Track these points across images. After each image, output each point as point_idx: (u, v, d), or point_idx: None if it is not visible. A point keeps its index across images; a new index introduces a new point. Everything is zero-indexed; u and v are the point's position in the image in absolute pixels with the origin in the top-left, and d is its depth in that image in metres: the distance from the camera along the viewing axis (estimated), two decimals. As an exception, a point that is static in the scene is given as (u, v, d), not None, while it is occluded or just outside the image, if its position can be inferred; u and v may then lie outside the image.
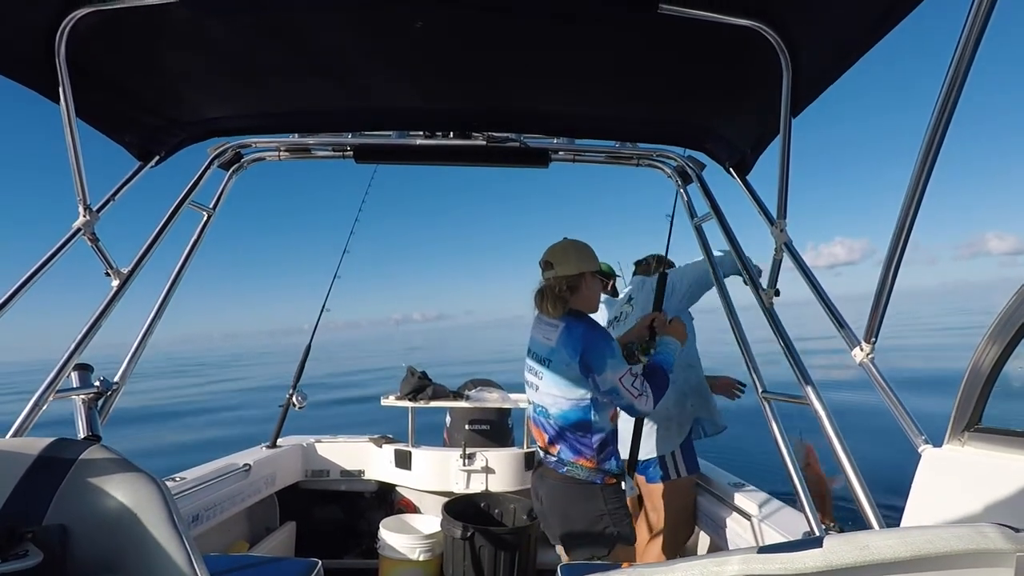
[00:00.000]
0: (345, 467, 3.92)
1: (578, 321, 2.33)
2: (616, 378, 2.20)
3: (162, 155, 2.29)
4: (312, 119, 2.40)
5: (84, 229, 1.98)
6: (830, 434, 1.83)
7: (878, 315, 1.67)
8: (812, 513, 1.97)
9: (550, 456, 2.38)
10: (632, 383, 2.22)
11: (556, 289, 2.35)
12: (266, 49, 1.83)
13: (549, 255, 2.41)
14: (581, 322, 2.33)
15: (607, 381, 2.21)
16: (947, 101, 1.28)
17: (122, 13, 1.56)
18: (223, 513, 3.13)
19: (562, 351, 2.26)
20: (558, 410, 2.31)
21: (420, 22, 1.66)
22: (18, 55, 1.69)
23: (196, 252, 2.57)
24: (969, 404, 1.39)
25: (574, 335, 2.26)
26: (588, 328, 2.30)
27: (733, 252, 2.48)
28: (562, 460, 2.33)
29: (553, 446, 2.35)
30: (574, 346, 2.23)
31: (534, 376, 2.41)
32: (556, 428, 2.33)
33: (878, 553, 0.68)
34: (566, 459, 2.32)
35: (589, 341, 2.24)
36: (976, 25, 1.18)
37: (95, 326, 2.02)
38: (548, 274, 2.38)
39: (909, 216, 1.47)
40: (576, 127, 2.51)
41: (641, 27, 1.68)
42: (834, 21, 1.60)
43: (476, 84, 2.11)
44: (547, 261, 2.39)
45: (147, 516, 1.05)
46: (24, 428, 1.73)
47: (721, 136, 2.38)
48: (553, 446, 2.35)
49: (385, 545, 3.28)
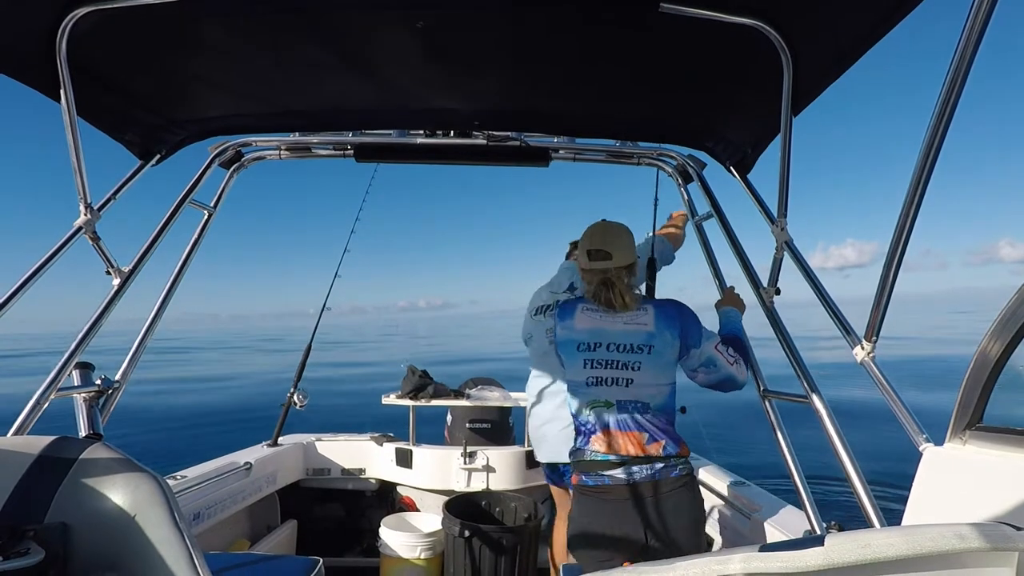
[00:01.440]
0: (346, 465, 3.92)
1: (657, 300, 2.24)
2: (712, 347, 2.09)
3: (163, 154, 2.30)
4: (313, 118, 2.40)
5: (85, 228, 1.99)
6: (831, 433, 1.84)
7: (879, 314, 1.67)
8: (813, 512, 1.97)
9: (654, 462, 1.99)
10: (727, 351, 2.11)
11: (624, 280, 2.16)
12: (266, 48, 1.83)
13: (602, 242, 2.17)
14: (661, 300, 2.22)
15: (705, 352, 2.08)
16: (947, 102, 1.28)
17: (123, 12, 1.56)
18: (224, 511, 3.13)
19: (664, 333, 2.07)
20: (661, 399, 2.07)
21: (421, 22, 1.66)
22: (19, 54, 1.69)
23: (197, 250, 2.57)
24: (970, 403, 1.39)
25: (669, 313, 2.11)
26: (673, 303, 2.17)
27: (734, 251, 2.48)
28: (669, 457, 2.01)
29: (656, 443, 2.01)
30: (673, 324, 2.09)
31: (624, 370, 2.06)
32: (659, 421, 2.05)
33: (880, 551, 0.68)
34: (672, 453, 2.02)
35: (684, 316, 2.11)
36: (975, 28, 1.18)
37: (96, 324, 2.02)
38: (604, 264, 2.14)
39: (910, 216, 1.48)
40: (576, 126, 2.51)
41: (642, 26, 1.68)
42: (835, 20, 1.60)
43: (477, 83, 2.11)
44: (601, 250, 2.15)
45: (148, 514, 1.05)
46: (25, 426, 1.73)
47: (722, 135, 2.38)
48: (656, 443, 2.01)
49: (386, 543, 3.27)
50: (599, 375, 2.07)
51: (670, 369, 2.08)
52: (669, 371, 2.08)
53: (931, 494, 1.46)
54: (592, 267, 2.16)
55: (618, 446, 2.00)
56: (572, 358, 2.13)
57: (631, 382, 2.05)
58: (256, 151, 2.69)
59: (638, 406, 2.04)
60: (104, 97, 1.98)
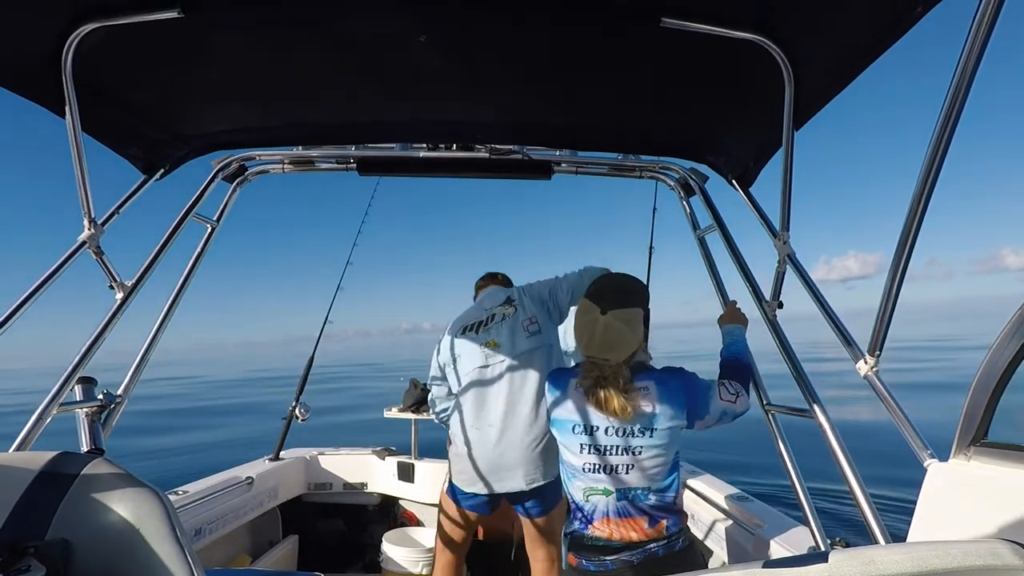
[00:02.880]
0: (348, 480, 3.91)
1: (659, 373, 1.94)
2: (719, 402, 1.90)
3: (167, 168, 2.31)
4: (315, 132, 2.41)
5: (89, 242, 1.99)
6: (835, 448, 1.82)
7: (882, 328, 1.66)
8: (817, 527, 1.96)
9: (657, 541, 1.87)
10: (728, 391, 1.92)
11: (620, 380, 1.85)
12: (269, 63, 1.84)
13: (603, 343, 1.85)
14: (663, 372, 1.95)
15: (715, 411, 1.90)
16: (949, 114, 1.28)
17: (128, 28, 1.57)
18: (225, 527, 3.12)
19: (668, 411, 1.86)
20: (662, 478, 1.90)
21: (424, 36, 1.67)
22: (25, 71, 1.71)
23: (200, 264, 2.58)
24: (975, 419, 1.38)
25: (673, 388, 1.88)
26: (676, 376, 1.93)
27: (736, 264, 2.48)
28: (672, 535, 1.89)
29: (658, 525, 1.88)
30: (676, 399, 1.87)
31: (624, 456, 1.88)
32: (661, 501, 1.90)
33: (884, 568, 0.67)
34: (675, 531, 1.89)
35: (688, 389, 1.90)
36: (979, 36, 1.18)
37: (99, 339, 2.03)
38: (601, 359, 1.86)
39: (912, 230, 1.47)
40: (579, 139, 2.52)
41: (644, 40, 1.69)
42: (836, 35, 1.61)
43: (479, 96, 2.12)
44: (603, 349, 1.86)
45: (149, 530, 1.04)
46: (27, 442, 1.73)
47: (724, 148, 2.39)
48: (658, 525, 1.88)
49: (388, 559, 3.26)
50: (597, 462, 1.90)
51: (673, 446, 1.91)
52: (672, 448, 1.90)
53: (936, 511, 1.45)
54: (588, 358, 1.91)
55: (619, 534, 1.88)
56: (568, 439, 1.95)
57: (631, 467, 1.88)
58: (259, 165, 2.70)
59: (638, 493, 1.88)
60: (108, 112, 1.99)
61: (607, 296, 1.89)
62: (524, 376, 2.54)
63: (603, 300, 1.87)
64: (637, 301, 1.93)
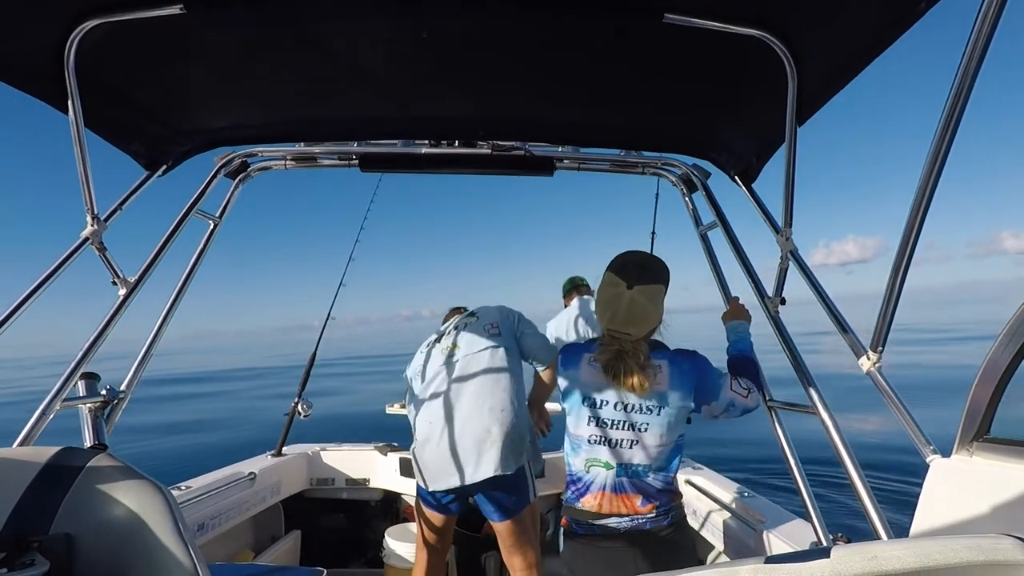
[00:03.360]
0: (350, 475, 3.91)
1: (673, 353, 1.96)
2: (729, 391, 1.91)
3: (169, 164, 2.31)
4: (318, 128, 2.41)
5: (92, 238, 2.00)
6: (837, 444, 1.82)
7: (885, 323, 1.66)
8: (819, 523, 1.96)
9: (640, 518, 1.91)
10: (740, 385, 1.93)
11: (640, 355, 1.87)
12: (272, 59, 1.84)
13: (627, 317, 1.86)
14: (676, 353, 1.96)
15: (723, 401, 1.91)
16: (955, 104, 1.27)
17: (130, 25, 1.57)
18: (228, 522, 3.13)
19: (678, 391, 1.88)
20: (663, 459, 1.92)
21: (426, 32, 1.67)
22: (28, 67, 1.71)
23: (203, 261, 2.58)
24: (977, 414, 1.38)
25: (685, 369, 1.90)
26: (689, 358, 1.94)
27: (739, 260, 2.47)
28: (660, 512, 1.93)
29: (650, 504, 1.91)
30: (687, 381, 1.89)
31: (630, 431, 1.89)
32: (656, 482, 1.92)
33: (887, 564, 0.67)
34: (664, 511, 1.93)
35: (700, 372, 1.91)
36: (986, 25, 1.18)
37: (102, 335, 2.03)
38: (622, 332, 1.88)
39: (917, 222, 1.46)
40: (581, 135, 2.52)
41: (647, 36, 1.68)
42: (840, 31, 1.61)
43: (481, 93, 2.12)
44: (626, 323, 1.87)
45: (152, 525, 1.05)
46: (31, 437, 1.74)
47: (726, 145, 2.38)
48: (650, 504, 1.91)
49: (390, 554, 3.26)
50: (602, 434, 1.92)
51: (678, 427, 1.92)
52: (677, 429, 1.92)
53: (938, 506, 1.45)
54: (609, 332, 1.92)
55: (610, 507, 1.91)
56: (576, 410, 1.97)
57: (635, 443, 1.89)
58: (261, 161, 2.70)
59: (638, 469, 1.90)
60: (111, 108, 1.99)
61: (633, 272, 1.89)
62: (484, 370, 2.61)
63: (629, 275, 1.88)
64: (661, 278, 1.93)
